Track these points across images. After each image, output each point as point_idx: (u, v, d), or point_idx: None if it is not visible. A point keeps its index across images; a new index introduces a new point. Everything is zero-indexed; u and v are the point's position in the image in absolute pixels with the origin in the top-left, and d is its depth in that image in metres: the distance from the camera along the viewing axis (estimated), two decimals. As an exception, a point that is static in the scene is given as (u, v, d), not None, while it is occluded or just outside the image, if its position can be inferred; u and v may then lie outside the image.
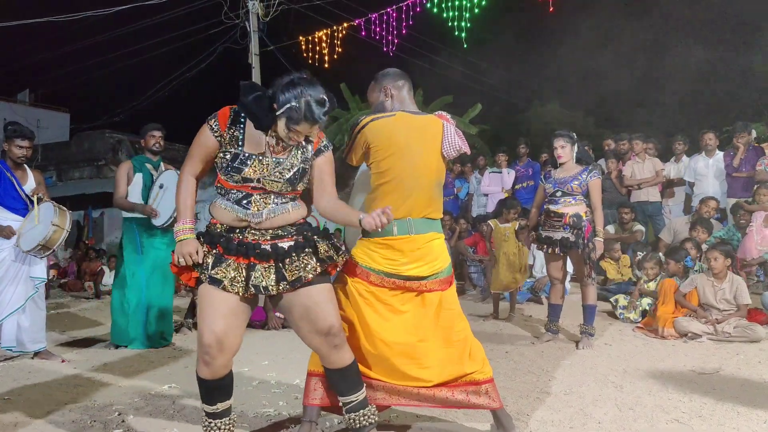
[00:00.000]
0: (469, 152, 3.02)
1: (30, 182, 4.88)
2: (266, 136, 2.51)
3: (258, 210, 2.51)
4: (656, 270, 6.14)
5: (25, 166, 4.90)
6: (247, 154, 2.50)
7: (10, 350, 4.76)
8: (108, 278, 10.29)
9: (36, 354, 4.78)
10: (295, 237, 2.58)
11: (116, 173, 5.38)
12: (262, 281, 2.49)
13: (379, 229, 2.52)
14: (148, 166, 5.34)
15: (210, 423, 2.57)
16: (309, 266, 2.53)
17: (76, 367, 4.55)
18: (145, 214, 5.15)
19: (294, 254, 2.52)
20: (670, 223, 7.84)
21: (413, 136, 2.84)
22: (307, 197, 2.73)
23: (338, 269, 2.79)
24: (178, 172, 5.05)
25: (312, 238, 2.59)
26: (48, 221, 4.58)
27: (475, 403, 2.80)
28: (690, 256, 6.00)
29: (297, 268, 2.51)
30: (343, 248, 2.72)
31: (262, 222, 2.52)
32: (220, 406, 2.57)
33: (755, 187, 7.16)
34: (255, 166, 2.49)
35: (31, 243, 4.56)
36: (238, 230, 2.53)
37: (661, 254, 6.46)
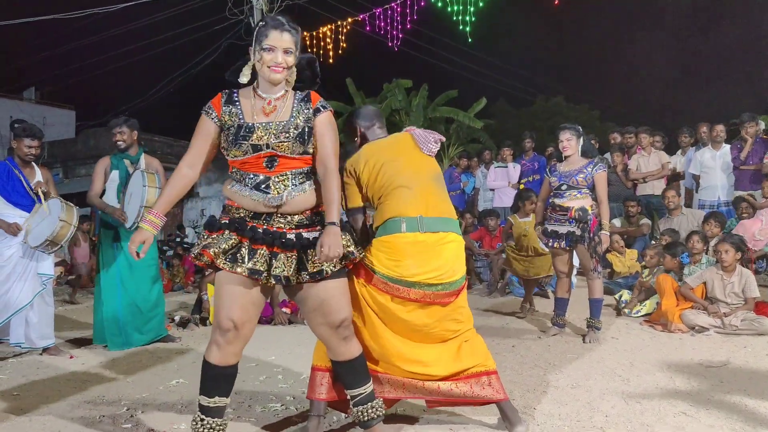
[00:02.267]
0: (443, 138, 3.07)
1: (37, 179, 4.91)
2: (257, 98, 2.54)
3: (278, 193, 2.49)
4: (656, 259, 6.13)
5: (33, 163, 4.93)
6: (250, 124, 2.51)
7: (19, 346, 4.79)
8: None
9: (44, 350, 4.81)
10: (319, 228, 2.56)
11: (94, 169, 5.24)
12: (284, 271, 2.48)
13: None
14: (126, 162, 5.18)
15: (203, 420, 2.53)
16: (325, 264, 2.52)
17: (85, 362, 4.58)
18: (114, 217, 5.02)
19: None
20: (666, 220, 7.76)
21: (390, 150, 2.93)
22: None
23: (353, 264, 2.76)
24: (147, 173, 4.95)
25: None
26: (56, 217, 4.60)
27: (479, 395, 2.81)
28: (687, 252, 5.97)
29: (317, 263, 2.50)
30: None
31: (283, 204, 2.50)
32: (218, 402, 2.54)
33: (764, 180, 7.13)
34: (260, 133, 2.49)
35: (38, 239, 4.59)
36: (264, 216, 2.52)
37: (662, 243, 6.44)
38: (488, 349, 2.97)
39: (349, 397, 2.70)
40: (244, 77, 2.56)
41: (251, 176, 2.51)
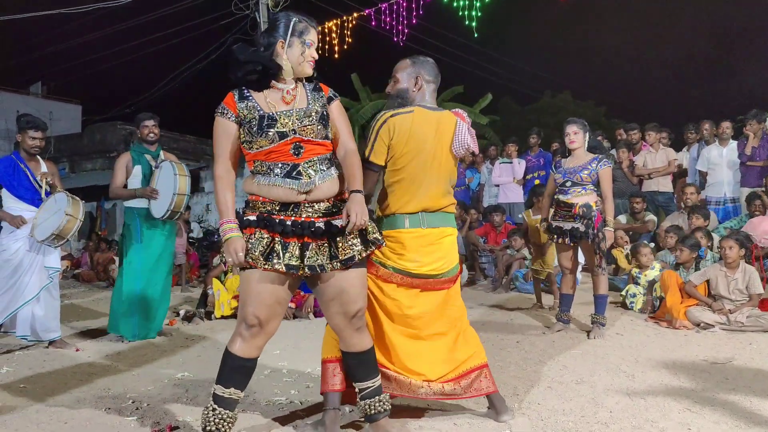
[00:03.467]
0: (477, 152, 3.07)
1: (43, 171, 4.93)
2: (272, 90, 2.57)
3: (310, 178, 2.52)
4: (650, 258, 6.15)
5: (38, 157, 4.95)
6: (271, 113, 2.53)
7: (26, 339, 4.82)
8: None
9: (51, 343, 4.84)
10: None
11: (115, 165, 5.30)
12: (317, 260, 2.50)
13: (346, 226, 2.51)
14: (147, 156, 5.25)
15: (215, 410, 2.53)
16: (357, 247, 2.55)
17: (90, 355, 4.60)
18: (145, 196, 5.08)
19: (346, 232, 2.54)
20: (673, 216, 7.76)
21: (429, 132, 2.88)
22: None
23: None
24: (175, 163, 5.05)
25: None
26: (62, 211, 4.62)
27: (479, 388, 2.90)
28: (702, 245, 5.96)
29: (349, 247, 2.54)
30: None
31: (315, 189, 2.52)
32: (232, 393, 2.55)
33: (764, 180, 7.12)
34: (284, 120, 2.52)
35: (44, 233, 4.61)
36: (292, 207, 2.52)
37: (652, 244, 6.45)
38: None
39: (357, 390, 2.72)
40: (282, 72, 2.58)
41: (280, 165, 2.52)
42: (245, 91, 2.58)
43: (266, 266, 2.45)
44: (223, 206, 2.53)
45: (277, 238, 2.49)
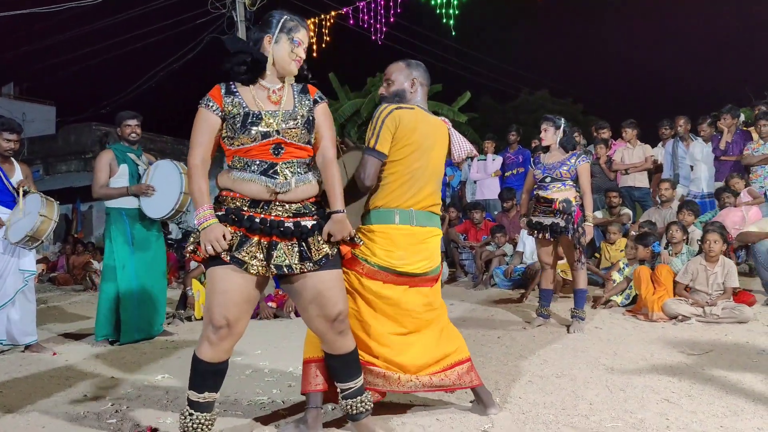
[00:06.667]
0: (477, 155, 3.14)
1: (17, 175, 4.85)
2: (258, 88, 2.56)
3: (285, 179, 2.49)
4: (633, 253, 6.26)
5: (12, 159, 4.86)
6: (257, 111, 2.50)
7: (1, 344, 4.75)
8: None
9: (27, 347, 4.76)
10: (316, 217, 2.56)
11: (96, 162, 5.12)
12: (285, 260, 2.46)
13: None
14: (131, 156, 5.15)
15: (192, 414, 2.49)
16: (327, 246, 2.54)
17: (68, 359, 4.53)
18: (140, 193, 5.00)
19: (317, 233, 2.52)
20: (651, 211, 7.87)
21: (429, 133, 2.93)
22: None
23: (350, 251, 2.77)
24: (176, 162, 5.05)
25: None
26: (35, 212, 4.55)
27: (464, 381, 2.94)
28: (658, 241, 6.08)
29: (321, 246, 2.52)
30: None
31: (290, 191, 2.49)
32: (207, 397, 2.51)
33: (725, 178, 7.25)
34: (269, 119, 2.50)
35: (18, 234, 4.53)
36: (262, 205, 2.49)
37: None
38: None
39: (339, 390, 2.71)
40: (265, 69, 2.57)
41: (258, 162, 2.49)
42: (232, 86, 2.56)
43: (226, 258, 2.41)
44: (198, 194, 2.48)
45: (239, 232, 2.45)
